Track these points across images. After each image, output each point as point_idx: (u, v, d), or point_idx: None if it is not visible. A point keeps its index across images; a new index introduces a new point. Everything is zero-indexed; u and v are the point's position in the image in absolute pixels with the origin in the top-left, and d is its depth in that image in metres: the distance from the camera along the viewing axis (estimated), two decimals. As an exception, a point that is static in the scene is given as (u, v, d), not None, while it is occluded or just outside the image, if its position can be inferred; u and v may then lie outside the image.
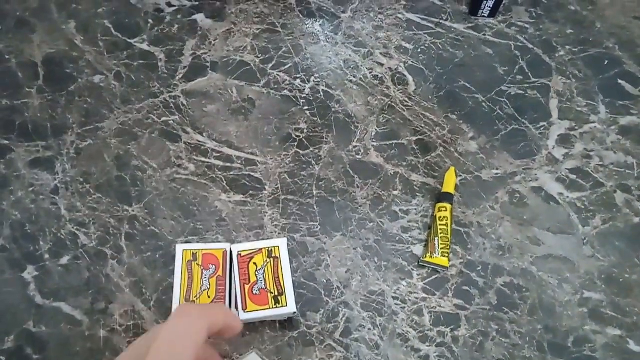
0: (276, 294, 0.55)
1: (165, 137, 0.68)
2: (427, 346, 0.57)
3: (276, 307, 0.55)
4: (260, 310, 0.55)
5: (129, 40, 0.75)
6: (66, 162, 0.66)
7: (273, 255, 0.57)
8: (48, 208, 0.63)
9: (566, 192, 0.66)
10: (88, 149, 0.67)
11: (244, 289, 0.56)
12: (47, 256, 0.61)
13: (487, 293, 0.60)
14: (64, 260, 0.61)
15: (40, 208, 0.63)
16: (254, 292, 0.55)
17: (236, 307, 0.55)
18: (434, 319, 0.59)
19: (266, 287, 0.56)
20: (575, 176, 0.67)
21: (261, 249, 0.58)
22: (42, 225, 0.62)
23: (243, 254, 0.57)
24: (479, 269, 0.61)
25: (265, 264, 0.57)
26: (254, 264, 0.57)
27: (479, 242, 0.63)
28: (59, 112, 0.70)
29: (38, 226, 0.62)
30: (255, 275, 0.56)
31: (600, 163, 0.68)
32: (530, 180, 0.67)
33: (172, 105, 0.71)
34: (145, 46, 0.75)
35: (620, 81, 0.74)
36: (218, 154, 0.67)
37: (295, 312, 0.55)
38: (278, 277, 0.56)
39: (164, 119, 0.70)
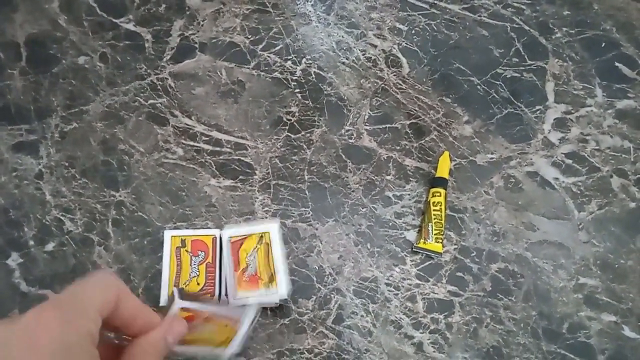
0: (266, 280, 0.54)
1: (153, 121, 0.66)
2: (421, 333, 0.57)
3: (267, 290, 0.54)
4: (251, 295, 0.53)
5: (114, 20, 0.73)
6: (50, 146, 0.64)
7: (264, 240, 0.56)
8: (32, 193, 0.62)
9: (562, 176, 0.65)
10: (73, 132, 0.65)
11: (235, 274, 0.54)
12: (31, 242, 0.59)
13: (482, 279, 0.59)
14: (49, 246, 0.59)
15: (24, 193, 0.62)
16: (245, 277, 0.54)
17: (226, 293, 0.54)
18: (427, 306, 0.58)
19: (257, 273, 0.54)
20: (571, 160, 0.66)
21: (252, 234, 0.56)
22: (26, 211, 0.61)
23: (233, 239, 0.56)
24: (473, 254, 0.60)
25: (256, 249, 0.56)
26: (244, 250, 0.56)
27: (474, 227, 0.62)
28: (43, 95, 0.68)
29: (22, 212, 0.61)
30: (246, 260, 0.55)
31: (597, 147, 0.67)
32: (526, 165, 0.65)
33: (159, 87, 0.68)
34: (131, 26, 0.73)
35: (617, 64, 0.72)
36: (207, 138, 0.66)
37: (286, 298, 0.54)
38: (268, 262, 0.55)
39: (151, 101, 0.68)
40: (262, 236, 0.56)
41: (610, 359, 0.56)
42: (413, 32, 0.74)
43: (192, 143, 0.65)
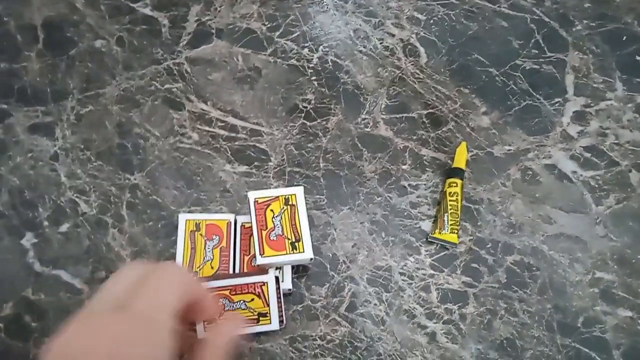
0: (293, 240, 0.54)
1: (169, 105, 0.66)
2: (434, 323, 0.56)
3: (293, 252, 0.53)
4: (278, 255, 0.53)
5: (131, 5, 0.73)
6: (66, 128, 0.64)
7: (290, 202, 0.56)
8: (47, 174, 0.62)
9: (580, 170, 0.64)
10: (89, 115, 0.65)
11: (261, 234, 0.54)
12: (46, 223, 0.59)
13: (497, 271, 0.59)
14: (64, 227, 0.59)
15: (39, 174, 0.62)
16: (271, 237, 0.54)
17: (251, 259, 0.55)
18: (441, 296, 0.57)
19: (283, 234, 0.54)
20: (589, 154, 0.65)
21: (278, 197, 0.56)
22: (41, 192, 0.61)
23: (260, 200, 0.55)
24: (488, 246, 0.60)
25: (283, 210, 0.55)
26: (271, 210, 0.55)
27: (489, 219, 0.61)
28: (59, 77, 0.68)
29: (37, 193, 0.61)
30: (272, 221, 0.55)
31: (616, 141, 0.66)
32: (544, 158, 0.65)
33: (175, 72, 0.68)
34: (148, 11, 0.72)
35: (638, 58, 0.71)
36: (222, 124, 0.65)
37: (312, 258, 0.54)
38: (295, 224, 0.54)
39: (167, 86, 0.67)
40: (288, 198, 0.56)
41: (625, 354, 0.55)
42: (431, 21, 0.73)
43: (207, 128, 0.65)
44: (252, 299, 0.52)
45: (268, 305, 0.52)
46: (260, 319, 0.52)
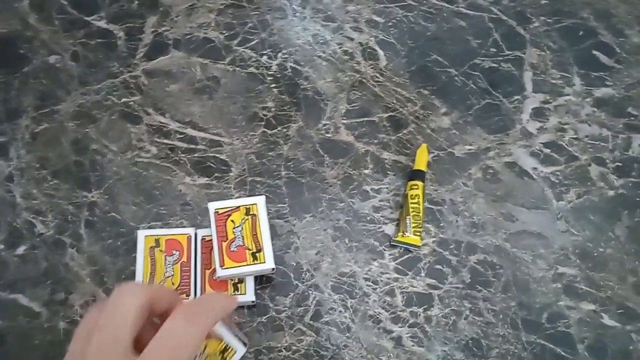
0: (254, 250, 0.53)
1: (126, 119, 0.65)
2: (400, 327, 0.56)
3: (254, 263, 0.53)
4: (238, 266, 0.52)
5: (86, 18, 0.72)
6: (21, 148, 0.63)
7: (251, 212, 0.55)
8: (2, 196, 0.60)
9: (540, 166, 0.64)
10: (44, 133, 0.64)
11: (222, 246, 0.53)
12: (1, 246, 0.58)
13: (461, 271, 0.59)
14: (20, 250, 0.58)
15: (-6, 196, 0.61)
16: (232, 249, 0.53)
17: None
18: (406, 299, 0.57)
19: (244, 244, 0.53)
20: (549, 150, 0.65)
21: (239, 207, 0.55)
22: (-4, 214, 0.60)
23: (220, 211, 0.55)
24: (452, 247, 0.60)
25: (244, 221, 0.55)
26: (232, 221, 0.54)
27: (452, 219, 0.61)
28: (13, 95, 0.66)
29: (-8, 215, 0.60)
30: (233, 232, 0.54)
31: (575, 136, 0.66)
32: (504, 155, 0.65)
33: (132, 85, 0.67)
34: (103, 24, 0.71)
35: (595, 52, 0.72)
36: (181, 136, 0.65)
37: (274, 269, 0.53)
38: (256, 234, 0.54)
39: (124, 100, 0.66)
40: (249, 208, 0.55)
41: (590, 347, 0.55)
42: (390, 24, 0.73)
43: (166, 141, 0.64)
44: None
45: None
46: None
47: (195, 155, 0.64)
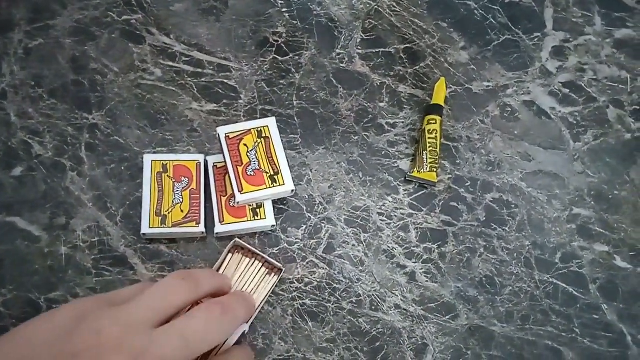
0: (272, 173, 0.51)
1: (127, 38, 0.61)
2: (414, 262, 0.55)
3: (274, 186, 0.51)
4: (258, 190, 0.50)
5: None
6: (14, 63, 0.58)
7: (263, 135, 0.52)
8: (-5, 114, 0.56)
9: (558, 106, 0.63)
10: (39, 49, 0.59)
11: (237, 170, 0.51)
12: (-4, 167, 0.54)
13: (476, 209, 0.58)
14: (17, 171, 0.54)
15: (-15, 114, 0.56)
16: (249, 173, 0.51)
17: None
18: (420, 235, 0.56)
19: (260, 168, 0.51)
20: (568, 90, 0.64)
21: (250, 130, 0.52)
22: (-11, 134, 0.56)
23: (231, 136, 0.52)
24: (467, 184, 0.59)
25: (257, 144, 0.52)
26: (245, 145, 0.52)
27: (468, 157, 0.60)
28: (3, 7, 0.61)
29: (-16, 134, 0.56)
30: (247, 156, 0.51)
31: (594, 77, 0.64)
32: (522, 94, 0.63)
33: (134, 2, 0.62)
34: None
35: (618, -8, 0.69)
36: (187, 59, 0.61)
37: (294, 190, 0.51)
38: (272, 157, 0.51)
39: (125, 17, 0.62)
40: (260, 130, 0.52)
41: (601, 288, 0.55)
42: (408, -49, 0.69)
43: (171, 63, 0.60)
44: None
45: None
46: None
47: (203, 80, 0.60)
